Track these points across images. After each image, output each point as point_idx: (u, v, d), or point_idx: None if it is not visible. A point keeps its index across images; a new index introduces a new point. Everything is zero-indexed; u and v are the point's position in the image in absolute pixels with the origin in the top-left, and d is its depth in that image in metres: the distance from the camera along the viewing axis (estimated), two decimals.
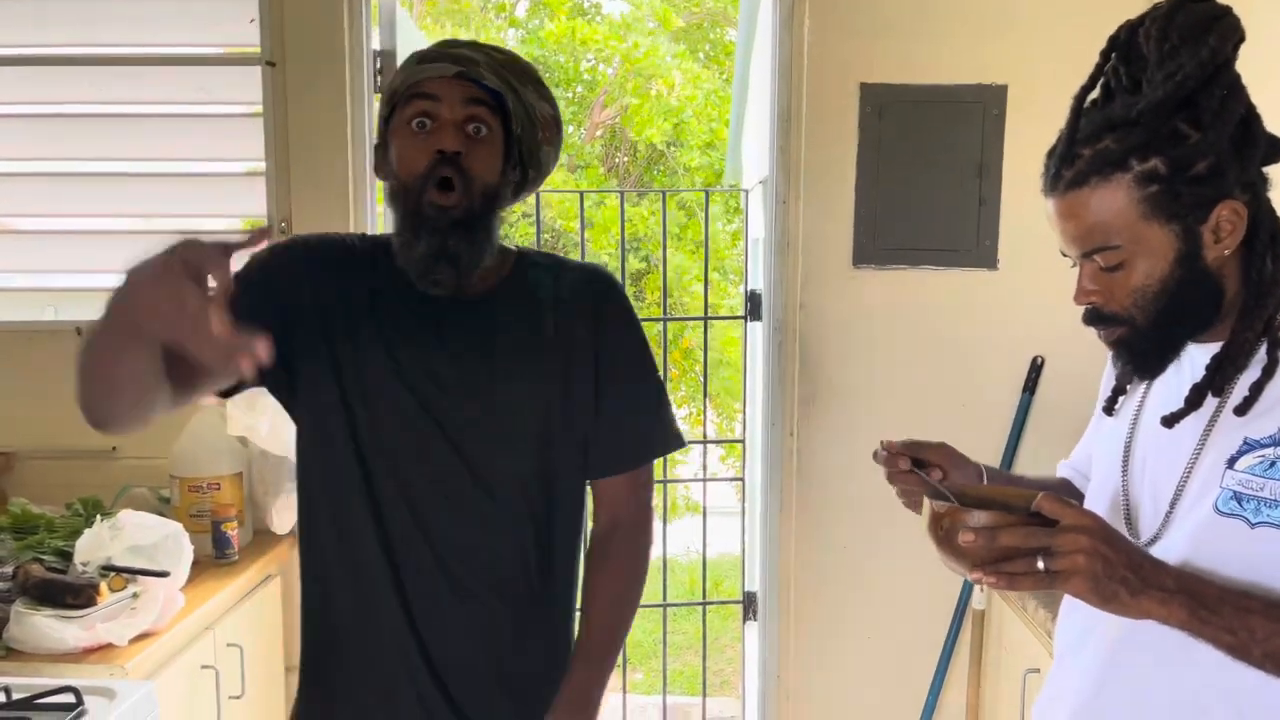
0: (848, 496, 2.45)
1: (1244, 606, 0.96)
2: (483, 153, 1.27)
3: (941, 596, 2.45)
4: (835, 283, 2.41)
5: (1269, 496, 0.99)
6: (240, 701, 2.07)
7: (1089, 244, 1.04)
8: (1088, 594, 0.94)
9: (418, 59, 1.30)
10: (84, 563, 1.83)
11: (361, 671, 1.36)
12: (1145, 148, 1.00)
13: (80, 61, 2.42)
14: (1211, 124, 1.00)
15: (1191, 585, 0.96)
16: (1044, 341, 2.38)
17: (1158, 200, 1.01)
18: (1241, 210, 1.01)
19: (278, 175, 2.36)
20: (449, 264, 1.27)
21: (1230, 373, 1.04)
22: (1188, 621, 0.95)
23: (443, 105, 1.26)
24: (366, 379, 1.31)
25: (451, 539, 1.32)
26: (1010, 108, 2.34)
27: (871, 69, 2.35)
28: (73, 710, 1.46)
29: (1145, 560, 0.96)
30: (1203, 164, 1.00)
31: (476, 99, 1.27)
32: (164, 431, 2.24)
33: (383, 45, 2.42)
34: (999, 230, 2.38)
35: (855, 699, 2.50)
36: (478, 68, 1.26)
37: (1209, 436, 1.05)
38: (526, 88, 1.31)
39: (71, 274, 2.60)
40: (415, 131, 1.26)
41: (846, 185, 2.38)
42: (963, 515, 0.97)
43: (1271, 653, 0.95)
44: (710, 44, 9.65)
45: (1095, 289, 1.06)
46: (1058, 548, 0.93)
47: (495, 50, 1.33)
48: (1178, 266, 1.02)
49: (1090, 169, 1.02)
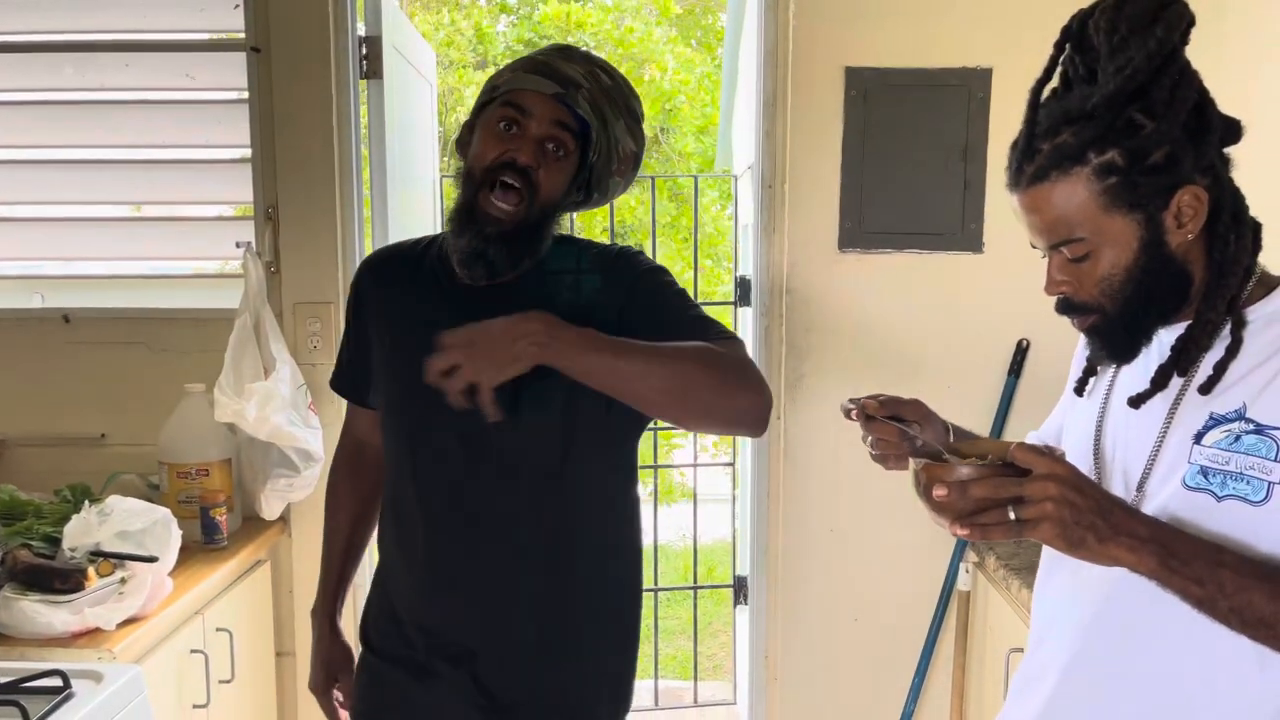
0: (835, 480, 2.46)
1: (1216, 560, 0.97)
2: (555, 170, 1.32)
3: (927, 578, 2.47)
4: (821, 267, 2.42)
5: (1234, 470, 1.00)
6: (230, 686, 2.08)
7: (1054, 237, 1.06)
8: (1055, 540, 0.95)
9: (528, 64, 1.35)
10: (72, 548, 1.84)
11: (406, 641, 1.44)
12: (1101, 140, 1.01)
13: (64, 48, 2.41)
14: (1164, 113, 1.01)
15: (1164, 535, 0.97)
16: (1029, 325, 2.39)
17: (1117, 191, 1.02)
18: (1201, 195, 1.02)
19: (264, 161, 2.36)
20: (484, 265, 1.33)
21: (1195, 353, 1.06)
22: (1157, 570, 0.96)
23: (531, 120, 1.31)
24: (402, 367, 1.38)
25: (480, 502, 1.37)
26: (995, 91, 2.34)
27: (856, 53, 2.35)
28: (60, 693, 1.47)
29: (1117, 507, 0.97)
30: (1159, 153, 1.01)
31: (564, 123, 1.32)
32: (153, 418, 2.27)
33: (368, 31, 2.42)
34: (984, 214, 2.38)
35: (844, 679, 2.52)
36: (577, 94, 1.31)
37: (1175, 415, 1.07)
38: (618, 121, 1.36)
39: (58, 261, 2.61)
40: (500, 131, 1.31)
41: (832, 170, 2.39)
42: (936, 470, 0.99)
43: (1238, 608, 0.96)
44: (702, 29, 9.63)
45: (1064, 279, 1.08)
46: (1028, 496, 0.95)
47: (605, 73, 1.37)
48: (1142, 254, 1.04)
49: (1049, 164, 1.03)
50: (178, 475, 2.19)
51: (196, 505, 2.16)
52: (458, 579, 1.38)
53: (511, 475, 1.36)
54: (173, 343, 2.40)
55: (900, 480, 2.69)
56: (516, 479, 1.36)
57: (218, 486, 2.21)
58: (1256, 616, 0.96)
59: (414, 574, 1.42)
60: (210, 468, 2.21)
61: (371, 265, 1.54)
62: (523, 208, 1.30)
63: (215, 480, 2.21)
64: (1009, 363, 2.43)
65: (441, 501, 1.38)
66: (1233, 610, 0.96)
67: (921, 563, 2.47)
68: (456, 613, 1.39)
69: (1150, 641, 1.06)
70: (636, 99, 1.42)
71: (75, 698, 1.47)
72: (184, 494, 2.18)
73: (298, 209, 2.37)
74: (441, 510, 1.39)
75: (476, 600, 1.38)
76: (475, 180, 1.32)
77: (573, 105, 1.31)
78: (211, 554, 2.13)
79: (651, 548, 3.94)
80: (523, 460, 1.36)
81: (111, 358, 2.41)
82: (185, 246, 2.56)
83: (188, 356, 2.38)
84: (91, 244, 2.55)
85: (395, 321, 1.44)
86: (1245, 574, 0.96)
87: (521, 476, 1.36)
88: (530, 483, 1.36)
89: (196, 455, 2.20)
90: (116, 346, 2.41)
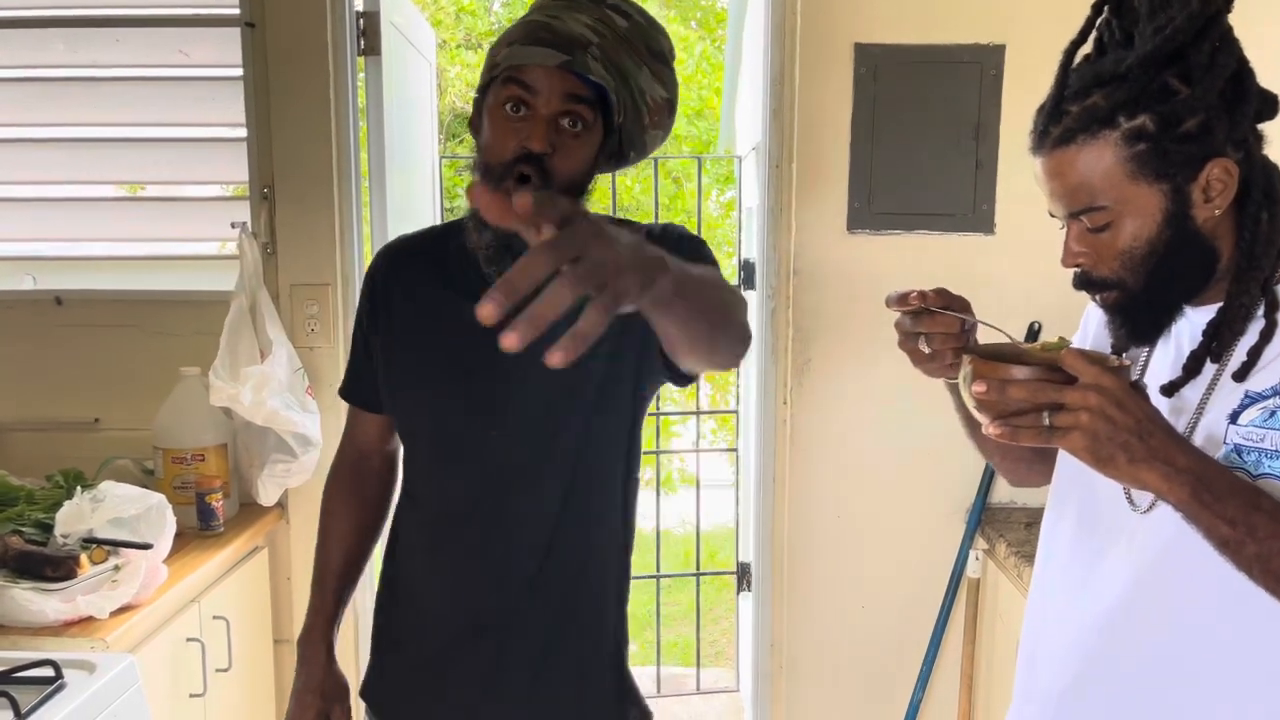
0: (841, 465, 2.43)
1: (1253, 503, 0.93)
2: (574, 147, 1.20)
3: (936, 565, 2.44)
4: (830, 249, 2.37)
5: (1269, 447, 0.96)
6: (227, 674, 2.05)
7: (1075, 204, 1.02)
8: (1082, 452, 0.92)
9: (527, 31, 1.20)
10: (64, 535, 1.80)
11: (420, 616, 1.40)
12: (1133, 104, 0.97)
13: (54, 23, 2.36)
14: (1201, 79, 0.96)
15: (1203, 468, 0.93)
16: (1041, 307, 2.34)
17: (1145, 159, 0.98)
18: (1232, 169, 0.98)
19: (259, 139, 2.31)
20: (512, 258, 1.22)
21: (1228, 338, 1.02)
22: (1188, 501, 0.92)
23: (538, 98, 1.18)
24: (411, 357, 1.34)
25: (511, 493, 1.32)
26: (1008, 68, 2.29)
27: (866, 29, 2.30)
28: (52, 683, 1.44)
29: (1159, 431, 0.92)
30: (1192, 121, 0.97)
31: (576, 95, 1.18)
32: (147, 403, 2.23)
33: (365, 6, 2.36)
34: (996, 194, 2.34)
35: (850, 668, 2.49)
36: (586, 55, 1.17)
37: (1209, 400, 1.03)
38: (641, 70, 1.22)
39: (49, 242, 2.56)
40: (507, 114, 1.19)
41: (841, 149, 2.34)
42: (983, 367, 0.95)
43: (1265, 554, 0.92)
44: (702, 11, 9.54)
45: (1083, 251, 1.04)
46: (1068, 404, 0.91)
47: (619, 14, 1.22)
48: (1166, 227, 1.00)
49: (1078, 126, 0.99)
50: (173, 460, 2.15)
51: (192, 491, 2.12)
52: (488, 572, 1.34)
53: (539, 464, 1.31)
54: (167, 325, 2.36)
55: (908, 464, 2.65)
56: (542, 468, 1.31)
57: (213, 472, 2.17)
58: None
59: (449, 571, 1.36)
60: (206, 453, 2.17)
61: (390, 260, 1.41)
62: None
63: (211, 465, 2.17)
64: None
65: (473, 497, 1.32)
66: (1259, 556, 0.92)
67: (930, 549, 2.43)
68: (483, 601, 1.34)
69: (1172, 638, 1.03)
70: (663, 35, 1.27)
71: (67, 688, 1.44)
72: (179, 479, 2.15)
73: (294, 189, 2.32)
74: (473, 507, 1.33)
75: (500, 588, 1.34)
76: (493, 176, 1.20)
77: (583, 73, 1.17)
78: (207, 540, 2.09)
79: (654, 534, 3.91)
80: (553, 445, 1.30)
81: (105, 341, 2.37)
82: (179, 227, 2.51)
83: (182, 339, 2.33)
84: (83, 224, 2.50)
85: (424, 319, 1.34)
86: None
87: (549, 462, 1.31)
88: (557, 469, 1.31)
89: (192, 440, 2.16)
90: (110, 329, 2.37)
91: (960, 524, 2.42)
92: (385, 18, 2.38)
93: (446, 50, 8.32)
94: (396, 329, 1.37)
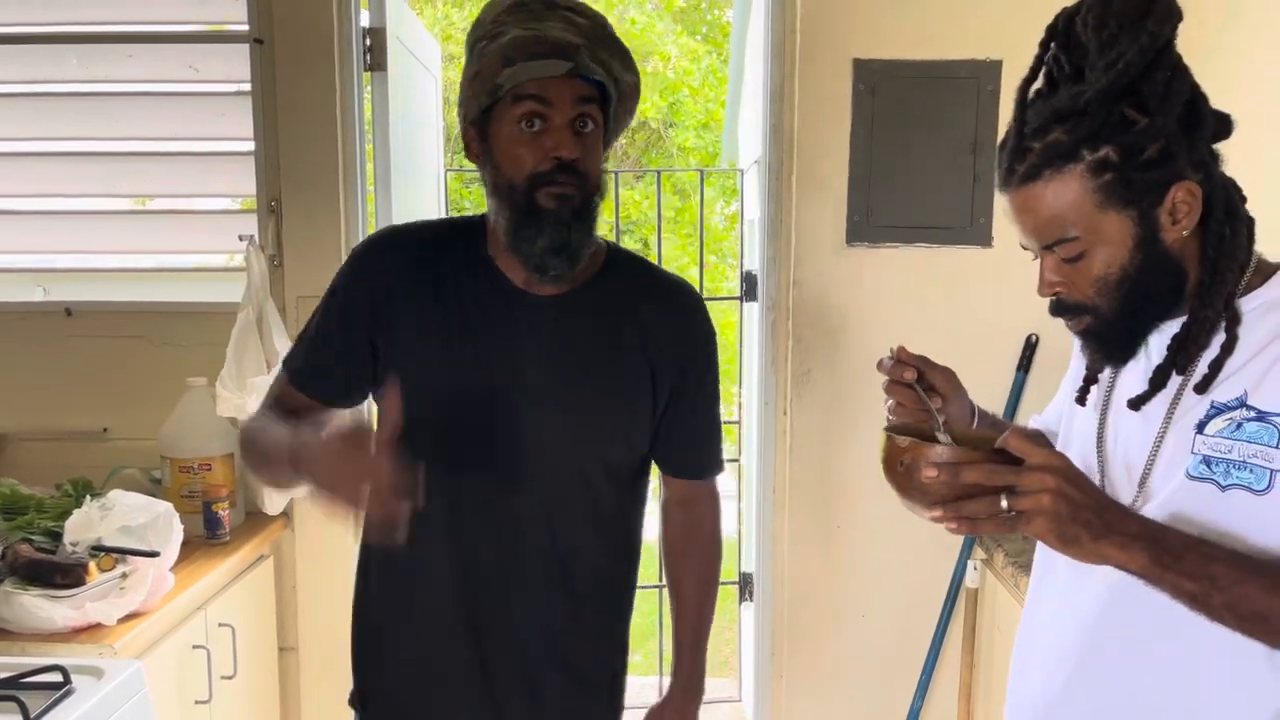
0: (841, 476, 2.44)
1: (1207, 554, 0.95)
2: (592, 147, 1.26)
3: (935, 575, 2.45)
4: (829, 261, 2.40)
5: (1237, 458, 0.99)
6: (232, 681, 2.07)
7: (1047, 237, 1.04)
8: (1048, 535, 0.94)
9: (520, 47, 1.22)
10: (73, 543, 1.83)
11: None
12: (1095, 137, 1.00)
13: (67, 39, 2.40)
14: (1158, 108, 0.99)
15: (1154, 531, 0.96)
16: (1038, 320, 2.36)
17: (1112, 188, 1.00)
18: (1196, 190, 1.01)
19: (267, 154, 2.34)
20: (567, 257, 1.26)
21: (1193, 351, 1.05)
22: (1148, 567, 0.95)
23: (554, 109, 1.22)
24: (425, 367, 1.30)
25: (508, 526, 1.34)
26: (1005, 84, 2.31)
27: (865, 45, 2.33)
28: (60, 689, 1.46)
29: (1110, 505, 0.96)
30: (1153, 148, 1.00)
31: (586, 96, 1.24)
32: (155, 412, 2.25)
33: (372, 23, 2.40)
34: (993, 208, 2.36)
35: (850, 676, 2.50)
36: (581, 56, 1.22)
37: (1175, 411, 1.05)
38: (615, 60, 1.28)
39: (60, 254, 2.59)
40: (524, 130, 1.22)
41: (840, 163, 2.36)
42: (925, 450, 0.95)
43: (1232, 602, 0.94)
44: (708, 25, 9.59)
45: (1058, 280, 1.06)
46: (1022, 486, 0.93)
47: (578, 15, 1.27)
48: (1137, 252, 1.02)
49: (1042, 162, 1.02)
50: (180, 469, 2.18)
51: (199, 500, 2.15)
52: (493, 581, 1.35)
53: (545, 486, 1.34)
54: (175, 336, 2.39)
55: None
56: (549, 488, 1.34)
57: (220, 481, 2.19)
58: (1252, 610, 0.94)
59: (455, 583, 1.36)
60: (213, 462, 2.19)
61: (391, 249, 1.35)
62: (580, 194, 1.24)
63: (218, 475, 2.20)
64: (1018, 358, 2.40)
65: (478, 513, 1.33)
66: (1227, 606, 0.94)
67: (929, 559, 2.45)
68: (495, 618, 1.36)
69: (1157, 642, 1.05)
70: (605, 21, 1.31)
71: (75, 693, 1.46)
72: (186, 488, 2.17)
73: (301, 202, 2.35)
74: (478, 522, 1.34)
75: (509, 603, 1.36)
76: (522, 190, 1.23)
77: (587, 74, 1.23)
78: (214, 549, 2.12)
79: (657, 544, 3.92)
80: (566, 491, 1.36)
81: (113, 351, 2.40)
82: (188, 240, 2.54)
83: (190, 350, 2.36)
84: (94, 237, 2.54)
85: (438, 323, 1.30)
86: (1238, 567, 0.95)
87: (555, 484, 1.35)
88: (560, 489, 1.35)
89: (199, 450, 2.19)
90: (118, 340, 2.40)
91: (959, 534, 2.43)
92: (391, 33, 2.42)
93: (453, 64, 8.38)
94: (408, 341, 1.32)
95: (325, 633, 2.43)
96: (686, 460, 1.44)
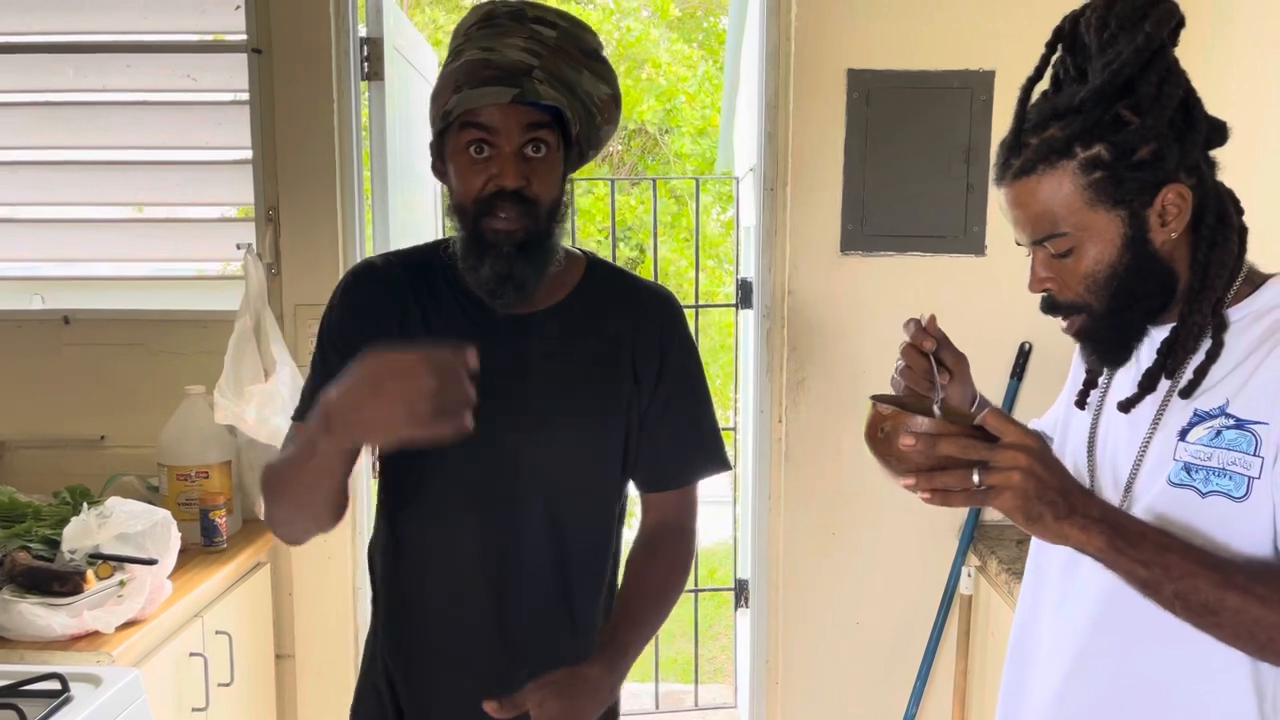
0: (836, 483, 2.45)
1: (1162, 544, 0.98)
2: (543, 171, 1.22)
3: (929, 582, 2.46)
4: (823, 269, 2.41)
5: (1216, 465, 1.01)
6: (230, 689, 2.08)
7: (1038, 231, 1.06)
8: (1015, 511, 0.96)
9: (468, 73, 1.19)
10: (71, 550, 1.83)
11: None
12: (1088, 135, 1.02)
13: (65, 49, 2.41)
14: (1150, 109, 1.01)
15: (1114, 516, 0.99)
16: (1032, 328, 2.38)
17: (1102, 186, 1.02)
18: (1186, 194, 1.03)
19: (264, 163, 2.35)
20: (515, 287, 1.24)
21: (1181, 356, 1.06)
22: (1105, 550, 0.97)
23: (499, 136, 1.19)
24: None
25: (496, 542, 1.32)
26: (998, 94, 2.33)
27: (859, 55, 2.34)
28: (58, 696, 1.46)
29: (1076, 488, 0.99)
30: (1145, 149, 1.01)
31: (534, 123, 1.20)
32: (152, 420, 2.26)
33: (370, 33, 2.41)
34: (987, 216, 2.37)
35: (845, 683, 2.51)
36: (532, 82, 1.18)
37: (1162, 416, 1.07)
38: (582, 74, 1.23)
39: (58, 262, 2.60)
40: (472, 157, 1.20)
41: (834, 172, 2.38)
42: (906, 419, 0.98)
43: (1182, 592, 0.97)
44: (704, 32, 9.62)
45: (1048, 275, 1.08)
46: (995, 463, 0.95)
47: (544, 25, 1.22)
48: (1126, 251, 1.04)
49: (1037, 157, 1.04)
50: (177, 477, 2.19)
51: (196, 507, 2.16)
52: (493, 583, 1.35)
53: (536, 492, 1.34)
54: (173, 344, 2.40)
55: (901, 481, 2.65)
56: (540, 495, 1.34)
57: (217, 489, 2.20)
58: (1200, 601, 0.96)
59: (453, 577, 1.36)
60: (210, 470, 2.20)
61: (370, 284, 1.34)
62: (529, 221, 1.22)
63: (215, 482, 2.20)
64: (1011, 366, 2.42)
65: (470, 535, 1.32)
66: (1177, 595, 0.97)
67: (923, 566, 2.46)
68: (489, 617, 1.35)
69: (1152, 646, 1.06)
70: (588, 32, 1.27)
71: (73, 701, 1.47)
72: (184, 496, 2.18)
73: (299, 211, 2.36)
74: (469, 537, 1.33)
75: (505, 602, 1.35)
76: (470, 215, 1.22)
77: (534, 100, 1.17)
78: (211, 556, 2.13)
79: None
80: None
81: (111, 359, 2.41)
82: (186, 248, 2.55)
83: (188, 358, 2.37)
84: (92, 245, 2.55)
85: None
86: (1192, 560, 0.97)
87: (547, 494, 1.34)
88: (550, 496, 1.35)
89: (196, 457, 2.20)
90: (116, 348, 2.41)
91: (953, 541, 2.44)
92: (388, 43, 2.43)
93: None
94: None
95: (322, 640, 2.43)
96: (655, 472, 1.41)
